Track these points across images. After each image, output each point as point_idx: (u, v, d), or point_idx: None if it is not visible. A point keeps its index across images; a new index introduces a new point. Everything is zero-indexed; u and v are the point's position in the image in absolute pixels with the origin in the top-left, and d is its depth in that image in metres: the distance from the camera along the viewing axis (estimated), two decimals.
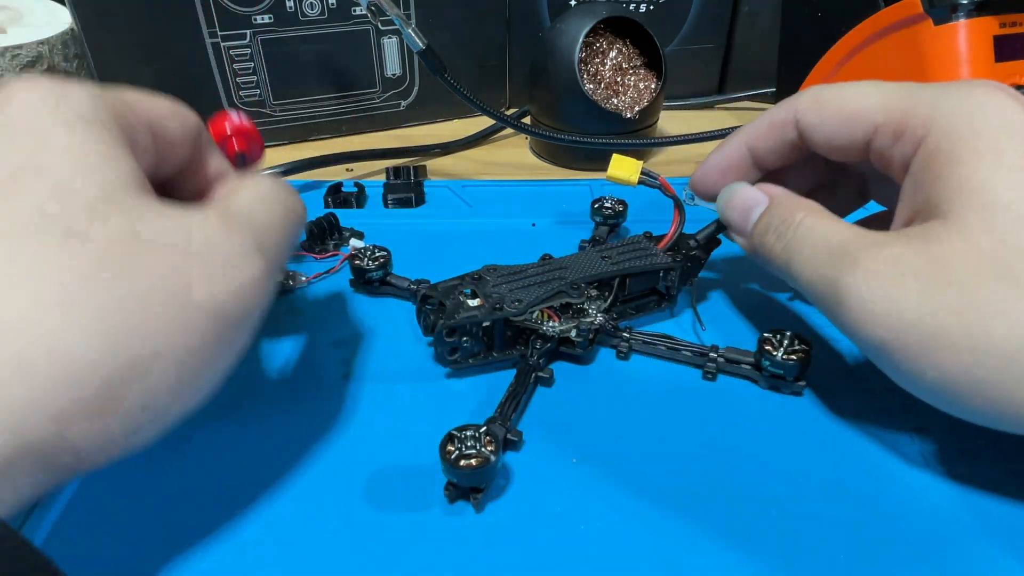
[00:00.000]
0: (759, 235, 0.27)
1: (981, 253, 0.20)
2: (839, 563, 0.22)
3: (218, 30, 0.47)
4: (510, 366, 0.29)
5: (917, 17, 0.39)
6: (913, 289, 0.21)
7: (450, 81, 0.43)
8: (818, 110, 0.25)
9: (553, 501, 0.24)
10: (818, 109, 0.25)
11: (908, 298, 0.21)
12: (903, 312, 0.21)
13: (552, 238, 0.40)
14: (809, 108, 0.26)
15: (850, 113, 0.25)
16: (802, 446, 0.26)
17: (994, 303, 0.19)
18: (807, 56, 0.47)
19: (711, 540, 0.22)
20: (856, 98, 0.25)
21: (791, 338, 0.28)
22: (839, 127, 0.25)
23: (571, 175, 0.50)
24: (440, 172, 0.49)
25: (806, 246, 0.24)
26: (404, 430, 0.26)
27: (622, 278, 0.31)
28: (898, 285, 0.21)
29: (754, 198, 0.27)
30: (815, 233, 0.24)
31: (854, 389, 0.28)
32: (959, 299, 0.20)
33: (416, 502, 0.24)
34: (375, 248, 0.35)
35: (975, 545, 0.22)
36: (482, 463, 0.22)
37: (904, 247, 0.21)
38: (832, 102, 0.25)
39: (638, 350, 0.30)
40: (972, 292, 0.20)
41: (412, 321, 0.31)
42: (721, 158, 0.29)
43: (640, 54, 0.50)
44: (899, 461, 0.25)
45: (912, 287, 0.21)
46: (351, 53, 0.52)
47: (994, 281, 0.20)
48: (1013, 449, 0.25)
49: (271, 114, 0.52)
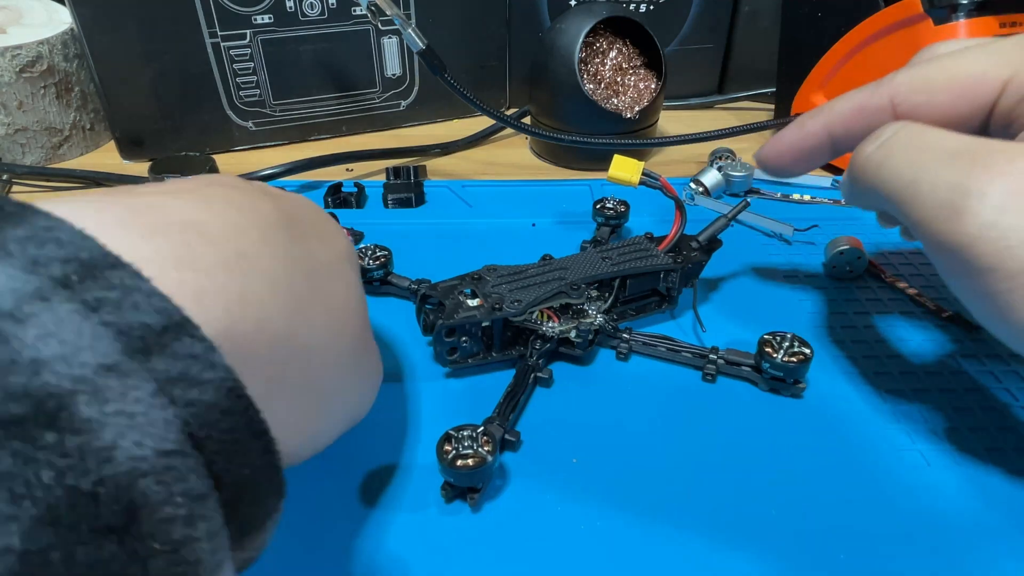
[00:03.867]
0: (856, 152, 0.24)
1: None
2: (839, 563, 0.22)
3: (218, 30, 0.47)
4: (509, 366, 0.29)
5: (917, 17, 0.39)
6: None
7: (450, 81, 0.43)
8: (924, 87, 0.24)
9: (551, 502, 0.24)
10: (924, 87, 0.24)
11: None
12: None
13: (552, 238, 0.40)
14: (912, 90, 0.24)
15: (967, 81, 0.23)
16: (802, 448, 0.26)
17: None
18: (807, 56, 0.47)
19: (711, 541, 0.22)
20: (967, 65, 0.23)
21: (791, 340, 0.28)
22: (957, 98, 0.23)
23: (571, 175, 0.49)
24: (440, 172, 0.49)
25: (911, 147, 0.22)
26: (402, 429, 0.26)
27: (622, 279, 0.31)
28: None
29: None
30: (924, 136, 0.22)
31: (854, 390, 0.28)
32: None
33: (413, 501, 0.24)
34: (375, 248, 0.35)
35: (975, 545, 0.22)
36: (479, 463, 0.22)
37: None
38: (938, 76, 0.24)
39: (638, 351, 0.30)
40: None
41: (412, 321, 0.31)
42: (797, 139, 0.27)
43: (640, 54, 0.50)
44: (899, 462, 0.25)
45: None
46: (351, 53, 0.52)
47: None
48: (1011, 448, 0.25)
49: (271, 114, 0.52)
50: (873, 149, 0.23)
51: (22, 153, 0.48)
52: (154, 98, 0.49)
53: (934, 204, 0.20)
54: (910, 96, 0.24)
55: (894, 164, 0.22)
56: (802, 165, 0.28)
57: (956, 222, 0.19)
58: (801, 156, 0.28)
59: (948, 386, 0.29)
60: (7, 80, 0.45)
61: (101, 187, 0.47)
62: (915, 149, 0.22)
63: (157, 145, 0.50)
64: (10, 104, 0.46)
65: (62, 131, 0.50)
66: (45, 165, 0.49)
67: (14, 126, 0.47)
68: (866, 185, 0.23)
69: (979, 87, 0.23)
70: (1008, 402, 0.28)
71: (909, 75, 0.24)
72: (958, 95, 0.23)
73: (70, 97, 0.49)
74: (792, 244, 0.39)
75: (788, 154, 0.28)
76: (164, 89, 0.48)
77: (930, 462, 0.25)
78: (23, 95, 0.47)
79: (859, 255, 0.35)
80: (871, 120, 0.25)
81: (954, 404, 0.28)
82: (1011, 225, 0.19)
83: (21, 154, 0.48)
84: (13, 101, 0.46)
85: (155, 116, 0.49)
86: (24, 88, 0.46)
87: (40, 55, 0.46)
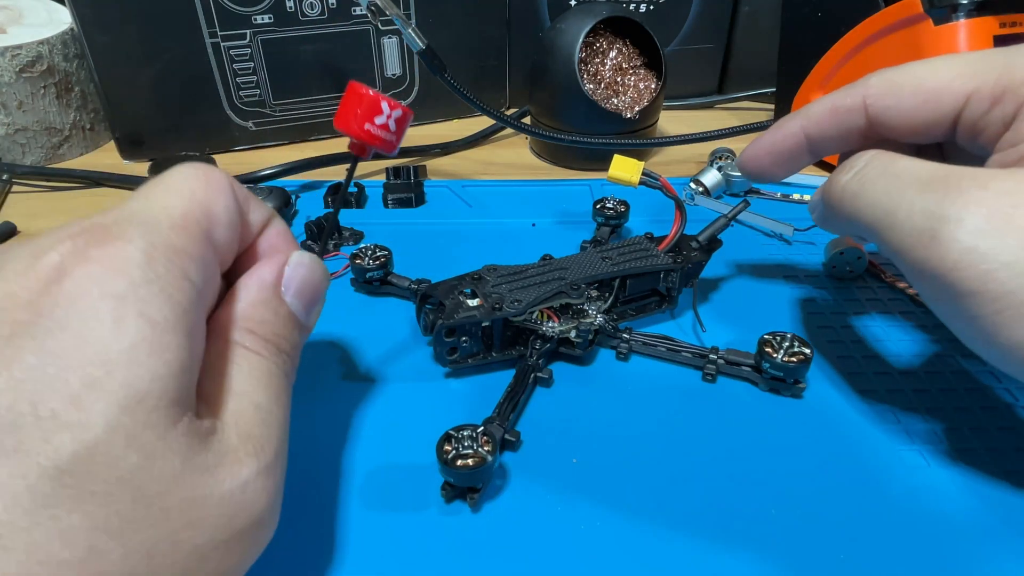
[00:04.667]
0: (829, 181, 0.25)
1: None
2: (839, 563, 0.22)
3: (218, 30, 0.47)
4: (509, 366, 0.29)
5: (917, 17, 0.39)
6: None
7: (450, 81, 0.43)
8: (894, 91, 0.24)
9: (550, 502, 0.24)
10: (894, 91, 0.24)
11: (1020, 237, 0.19)
12: (1012, 251, 0.19)
13: (552, 238, 0.40)
14: (883, 92, 0.25)
15: (932, 89, 0.24)
16: (802, 448, 0.26)
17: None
18: (807, 56, 0.47)
19: (711, 540, 0.22)
20: (934, 74, 0.24)
21: (791, 340, 0.28)
22: (922, 105, 0.24)
23: (571, 175, 0.49)
24: (440, 172, 0.49)
25: (885, 176, 0.22)
26: (402, 429, 0.26)
27: (622, 279, 0.31)
28: (1010, 220, 0.19)
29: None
30: (896, 164, 0.22)
31: (854, 391, 0.28)
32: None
33: (413, 501, 0.24)
34: (375, 248, 0.35)
35: (974, 545, 0.22)
36: (478, 463, 0.22)
37: (1018, 182, 0.20)
38: (908, 82, 0.24)
39: (638, 351, 0.30)
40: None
41: (412, 321, 0.31)
42: (774, 142, 0.28)
43: (640, 54, 0.50)
44: (899, 462, 0.25)
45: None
46: (351, 53, 0.52)
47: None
48: (1010, 449, 0.25)
49: (271, 114, 0.52)
50: (848, 179, 0.24)
51: (22, 153, 0.48)
52: (154, 98, 0.49)
53: (911, 231, 0.21)
54: (880, 98, 0.25)
55: (870, 194, 0.23)
56: (782, 168, 0.28)
57: (934, 248, 0.20)
58: (780, 159, 0.28)
59: (948, 386, 0.29)
60: (7, 80, 0.45)
61: (101, 187, 0.47)
62: (889, 177, 0.22)
63: (157, 145, 0.50)
64: (10, 104, 0.46)
65: (62, 131, 0.50)
66: (45, 165, 0.49)
67: (14, 126, 0.47)
68: (844, 215, 0.24)
69: (943, 96, 0.23)
70: (1008, 402, 0.28)
71: (881, 78, 0.25)
72: (923, 102, 0.24)
73: (70, 97, 0.49)
74: (792, 244, 0.39)
75: (767, 157, 0.28)
76: (164, 89, 0.48)
77: (930, 462, 0.25)
78: (23, 95, 0.47)
79: (859, 255, 0.35)
80: (845, 120, 0.26)
81: (954, 404, 0.28)
82: (989, 248, 0.19)
83: (21, 154, 0.48)
84: (13, 101, 0.46)
85: (155, 116, 0.49)
86: (24, 88, 0.46)
87: (40, 55, 0.46)
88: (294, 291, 0.21)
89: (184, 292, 0.17)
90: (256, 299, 0.20)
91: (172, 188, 0.19)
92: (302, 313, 0.21)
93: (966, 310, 0.20)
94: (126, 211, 0.17)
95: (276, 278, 0.21)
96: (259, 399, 0.19)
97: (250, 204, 0.21)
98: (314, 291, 0.22)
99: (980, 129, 0.23)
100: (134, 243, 0.16)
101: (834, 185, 0.25)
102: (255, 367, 0.19)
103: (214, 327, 0.19)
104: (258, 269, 0.21)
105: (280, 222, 0.23)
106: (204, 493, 0.16)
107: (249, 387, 0.19)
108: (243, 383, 0.19)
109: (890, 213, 0.22)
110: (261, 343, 0.20)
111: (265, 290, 0.20)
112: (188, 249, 0.17)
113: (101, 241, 0.16)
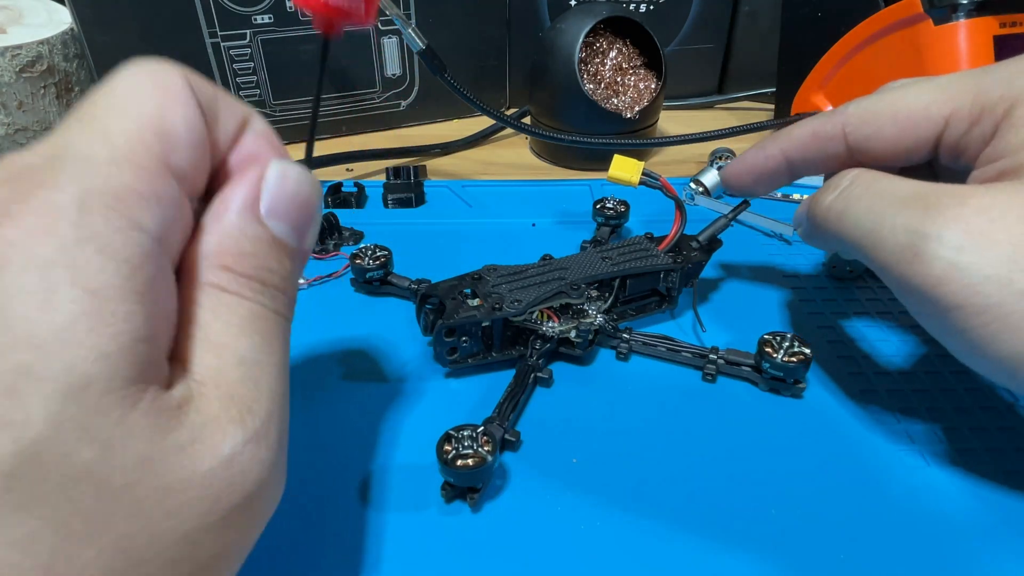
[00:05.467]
0: (812, 199, 0.26)
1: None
2: (839, 563, 0.22)
3: (218, 30, 0.47)
4: (509, 366, 0.29)
5: (917, 17, 0.39)
6: (1005, 241, 0.19)
7: (450, 81, 0.43)
8: (872, 120, 0.25)
9: (550, 501, 0.24)
10: (871, 119, 0.25)
11: (999, 251, 0.19)
12: (992, 265, 0.19)
13: (552, 238, 0.40)
14: (861, 121, 0.25)
15: (910, 115, 0.24)
16: (802, 448, 0.26)
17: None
18: (807, 56, 0.47)
19: (711, 540, 0.22)
20: (910, 99, 0.24)
21: (791, 340, 0.28)
22: (902, 131, 0.24)
23: (571, 175, 0.49)
24: (440, 172, 0.49)
25: (867, 195, 0.23)
26: (402, 429, 0.26)
27: (622, 279, 0.31)
28: (988, 235, 0.19)
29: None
30: (878, 184, 0.23)
31: (854, 391, 0.28)
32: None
33: (413, 501, 0.24)
34: (375, 248, 0.35)
35: (974, 545, 0.22)
36: (478, 463, 0.22)
37: (994, 197, 0.20)
38: (885, 110, 0.25)
39: (638, 351, 0.30)
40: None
41: (412, 321, 0.31)
42: (755, 163, 0.29)
43: (640, 54, 0.50)
44: (899, 462, 0.25)
45: (1003, 239, 0.19)
46: (351, 53, 0.52)
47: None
48: (1010, 449, 0.25)
49: (271, 114, 0.52)
50: (832, 199, 0.24)
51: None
52: None
53: (895, 249, 0.21)
54: (858, 128, 0.25)
55: (854, 213, 0.23)
56: (763, 186, 0.30)
57: (918, 265, 0.20)
58: (761, 178, 0.29)
59: (948, 386, 0.29)
60: (7, 80, 0.45)
61: None
62: (872, 196, 0.23)
63: None
64: (10, 104, 0.46)
65: None
66: None
67: (14, 126, 0.47)
68: (829, 234, 0.25)
69: (922, 122, 0.24)
70: (1009, 402, 0.28)
71: (858, 106, 0.25)
72: (902, 129, 0.24)
73: (70, 97, 0.49)
74: (792, 244, 0.39)
75: (748, 175, 0.29)
76: None
77: (930, 462, 0.25)
78: (23, 95, 0.47)
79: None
80: (824, 146, 0.26)
81: (954, 404, 0.28)
82: (971, 263, 0.19)
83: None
84: (13, 101, 0.46)
85: None
86: (24, 88, 0.46)
87: (40, 55, 0.46)
88: (278, 211, 0.17)
89: (132, 245, 0.14)
90: (229, 228, 0.16)
91: (114, 106, 0.15)
92: (291, 235, 0.17)
93: (953, 324, 0.20)
94: (59, 144, 0.14)
95: (251, 197, 0.17)
96: (242, 350, 0.16)
97: (218, 105, 0.17)
98: (303, 207, 0.17)
99: (962, 149, 0.24)
100: (64, 191, 0.13)
101: (819, 205, 0.25)
102: (235, 312, 0.16)
103: (184, 272, 0.16)
104: (230, 189, 0.17)
105: (260, 121, 0.18)
106: (181, 476, 0.14)
107: (229, 338, 0.16)
108: (221, 333, 0.16)
109: (874, 231, 0.22)
110: (240, 281, 0.16)
111: (238, 214, 0.16)
112: (137, 187, 0.14)
113: (25, 193, 0.13)
